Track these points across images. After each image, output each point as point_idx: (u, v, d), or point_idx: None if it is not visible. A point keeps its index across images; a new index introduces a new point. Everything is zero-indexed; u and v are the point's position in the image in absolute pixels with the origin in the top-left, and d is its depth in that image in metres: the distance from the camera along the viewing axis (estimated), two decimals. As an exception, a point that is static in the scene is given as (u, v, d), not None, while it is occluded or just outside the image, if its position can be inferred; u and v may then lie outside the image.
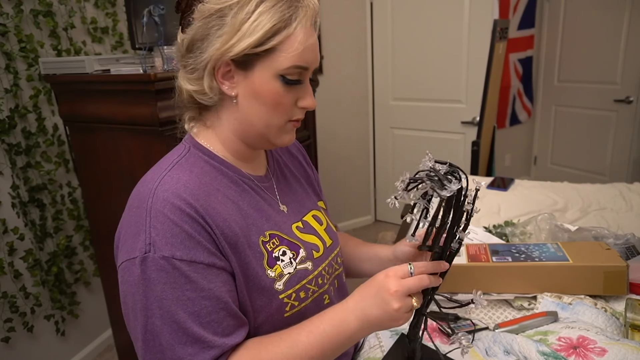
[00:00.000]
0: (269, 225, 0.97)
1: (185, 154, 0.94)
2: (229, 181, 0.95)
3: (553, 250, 1.36)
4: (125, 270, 0.83)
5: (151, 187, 0.85)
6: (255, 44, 0.85)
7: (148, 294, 0.80)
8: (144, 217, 0.83)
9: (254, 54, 0.86)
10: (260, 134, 0.94)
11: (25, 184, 2.32)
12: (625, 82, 3.94)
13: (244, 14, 0.84)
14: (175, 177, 0.87)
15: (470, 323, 1.20)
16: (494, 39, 2.85)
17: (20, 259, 2.30)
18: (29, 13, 2.28)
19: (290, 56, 0.87)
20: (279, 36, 0.85)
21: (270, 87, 0.88)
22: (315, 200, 1.18)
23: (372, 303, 0.85)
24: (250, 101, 0.91)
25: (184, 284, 0.81)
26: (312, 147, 2.90)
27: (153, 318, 0.80)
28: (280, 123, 0.93)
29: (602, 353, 0.99)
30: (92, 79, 1.92)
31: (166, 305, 0.80)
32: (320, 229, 1.10)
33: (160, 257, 0.80)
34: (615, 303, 1.27)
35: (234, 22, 0.85)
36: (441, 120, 3.83)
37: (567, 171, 4.57)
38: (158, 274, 0.80)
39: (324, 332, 0.86)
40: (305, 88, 0.93)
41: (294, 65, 0.88)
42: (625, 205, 2.16)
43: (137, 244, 0.82)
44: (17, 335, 2.31)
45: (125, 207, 0.89)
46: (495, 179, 2.54)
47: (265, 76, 0.88)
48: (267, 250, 0.94)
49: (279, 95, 0.89)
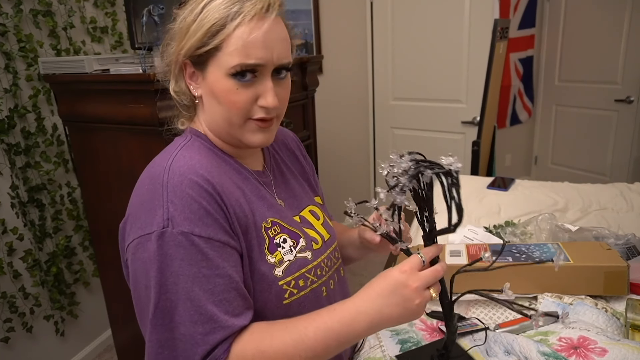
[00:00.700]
0: (271, 213, 0.98)
1: (189, 139, 0.96)
2: (231, 168, 0.96)
3: (554, 251, 1.36)
4: (139, 246, 0.82)
5: (164, 165, 0.86)
6: (198, 44, 0.87)
7: (164, 270, 0.79)
8: (160, 192, 0.82)
9: (202, 54, 0.87)
10: (228, 133, 0.95)
11: (24, 184, 2.32)
12: (626, 82, 3.93)
13: (192, 16, 0.87)
14: (187, 156, 0.88)
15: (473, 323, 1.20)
16: (495, 39, 2.85)
17: (19, 259, 2.30)
18: (28, 13, 2.28)
19: (233, 54, 0.85)
20: (220, 35, 0.85)
21: (223, 86, 0.88)
22: (311, 195, 1.19)
23: (391, 302, 0.83)
24: (211, 101, 0.92)
25: (200, 260, 0.80)
26: (312, 147, 2.89)
27: (167, 294, 0.80)
28: (240, 122, 0.92)
29: (603, 353, 0.99)
30: (91, 78, 1.92)
31: (182, 282, 0.79)
32: (317, 224, 1.10)
33: (179, 233, 0.80)
34: (615, 303, 1.27)
35: (183, 25, 0.89)
36: (441, 120, 3.82)
37: (568, 171, 4.57)
38: (176, 250, 0.79)
39: (332, 330, 0.84)
40: (264, 86, 0.90)
41: (241, 64, 0.86)
42: (626, 205, 2.16)
43: (153, 219, 0.81)
44: (17, 335, 2.31)
45: (133, 192, 0.89)
46: (496, 179, 2.54)
47: (217, 75, 0.88)
48: (269, 236, 0.94)
49: (232, 94, 0.88)
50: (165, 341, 0.80)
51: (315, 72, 2.89)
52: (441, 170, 0.79)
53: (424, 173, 0.80)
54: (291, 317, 0.92)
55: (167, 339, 0.80)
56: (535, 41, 4.58)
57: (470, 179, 2.65)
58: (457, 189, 0.79)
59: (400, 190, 0.82)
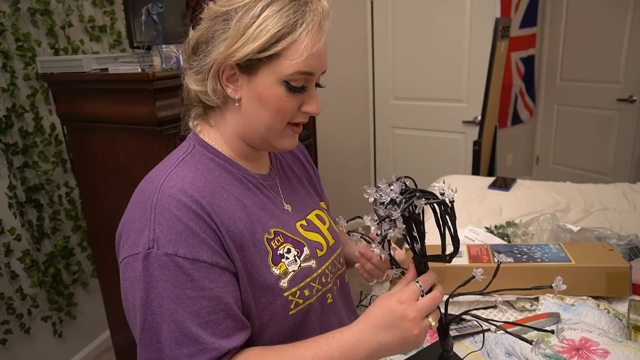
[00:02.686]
0: (274, 223, 0.97)
1: (190, 151, 0.94)
2: (233, 179, 0.95)
3: (555, 251, 1.36)
4: (127, 266, 0.82)
5: (157, 184, 0.85)
6: (259, 49, 0.84)
7: (149, 291, 0.79)
8: (149, 212, 0.82)
9: (257, 59, 0.85)
10: (262, 137, 0.94)
11: (22, 184, 2.32)
12: (628, 81, 3.93)
13: (249, 18, 0.83)
14: (181, 174, 0.87)
15: (473, 324, 1.19)
16: (496, 38, 2.84)
17: (17, 260, 2.29)
18: (26, 11, 2.27)
19: (295, 63, 0.85)
20: (283, 42, 0.84)
21: (274, 92, 0.87)
22: (317, 200, 1.19)
23: (390, 334, 0.82)
24: (253, 105, 0.90)
25: (185, 282, 0.80)
26: (312, 147, 2.89)
27: (153, 315, 0.80)
28: (281, 127, 0.92)
29: (605, 355, 0.98)
30: (89, 77, 1.92)
31: (166, 303, 0.79)
32: (323, 228, 1.10)
33: (164, 254, 0.79)
34: (618, 304, 1.27)
35: (239, 26, 0.84)
36: (442, 119, 3.81)
37: (570, 171, 4.56)
38: (160, 271, 0.79)
39: (330, 358, 0.83)
40: (310, 94, 0.92)
41: (298, 72, 0.86)
42: (628, 205, 2.15)
43: (140, 239, 0.81)
44: (14, 337, 2.30)
45: (129, 203, 0.89)
46: (497, 179, 2.54)
47: (269, 81, 0.87)
48: (272, 248, 0.93)
49: (282, 101, 0.88)
50: None
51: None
52: (435, 200, 0.77)
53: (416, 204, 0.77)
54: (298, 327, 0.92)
55: (155, 358, 0.80)
56: (537, 40, 4.58)
57: (471, 179, 2.64)
58: (452, 219, 0.78)
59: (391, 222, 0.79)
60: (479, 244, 1.54)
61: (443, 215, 0.78)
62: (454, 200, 0.77)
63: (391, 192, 0.79)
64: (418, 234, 0.82)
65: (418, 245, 0.83)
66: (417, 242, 0.83)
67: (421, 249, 0.84)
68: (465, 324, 1.20)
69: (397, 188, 0.79)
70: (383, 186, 0.80)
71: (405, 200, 0.77)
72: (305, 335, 0.98)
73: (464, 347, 1.13)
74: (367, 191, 0.82)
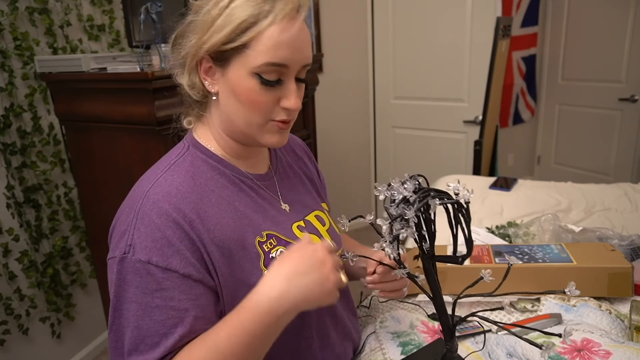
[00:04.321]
0: (267, 226, 0.96)
1: (183, 153, 0.94)
2: (226, 181, 0.94)
3: (557, 252, 1.36)
4: (109, 267, 0.85)
5: (145, 189, 0.86)
6: (224, 40, 0.84)
7: (120, 295, 0.81)
8: (132, 217, 0.83)
9: (227, 50, 0.85)
10: (243, 133, 0.93)
11: (20, 184, 2.31)
12: (630, 81, 3.92)
13: (218, 9, 0.84)
14: (169, 179, 0.87)
15: (475, 325, 1.19)
16: (497, 37, 2.84)
17: (15, 260, 2.28)
18: (24, 10, 2.26)
19: (261, 53, 0.83)
20: (249, 32, 0.83)
21: (246, 85, 0.86)
22: (318, 201, 1.18)
23: (309, 278, 0.81)
24: (229, 99, 0.89)
25: (154, 290, 0.80)
26: (312, 146, 2.88)
27: (120, 319, 0.81)
28: (261, 122, 0.90)
29: (607, 356, 0.98)
30: (88, 77, 1.92)
31: (133, 309, 0.80)
32: (322, 230, 1.09)
33: (137, 260, 0.80)
34: (620, 305, 1.27)
35: (207, 18, 0.85)
36: (443, 119, 3.81)
37: (571, 171, 4.55)
38: (132, 277, 0.80)
39: (248, 331, 0.79)
40: (288, 87, 0.89)
41: (267, 63, 0.84)
42: (630, 205, 2.14)
43: (120, 243, 0.83)
44: (12, 337, 2.30)
45: (122, 202, 0.91)
46: (498, 179, 2.53)
47: (240, 73, 0.86)
48: (264, 251, 0.92)
49: (255, 94, 0.87)
50: None
51: (315, 71, 2.88)
52: (450, 200, 0.75)
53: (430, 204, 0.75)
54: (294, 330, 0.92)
55: None
56: (538, 39, 4.57)
57: (472, 179, 2.64)
58: (466, 220, 0.76)
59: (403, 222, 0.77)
60: (480, 244, 1.54)
61: (457, 216, 0.76)
62: (469, 201, 0.75)
63: (404, 191, 0.77)
64: (428, 234, 0.80)
65: (427, 244, 0.82)
66: (426, 241, 0.81)
67: (430, 248, 0.82)
68: (466, 324, 1.20)
69: (410, 186, 0.77)
70: (396, 184, 0.78)
71: (419, 199, 0.76)
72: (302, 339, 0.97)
73: (465, 347, 1.13)
74: (378, 189, 0.80)
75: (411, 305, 1.31)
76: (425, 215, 0.78)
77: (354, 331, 1.18)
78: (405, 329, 1.22)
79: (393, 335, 1.19)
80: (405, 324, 1.24)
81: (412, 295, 1.36)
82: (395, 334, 1.20)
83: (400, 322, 1.25)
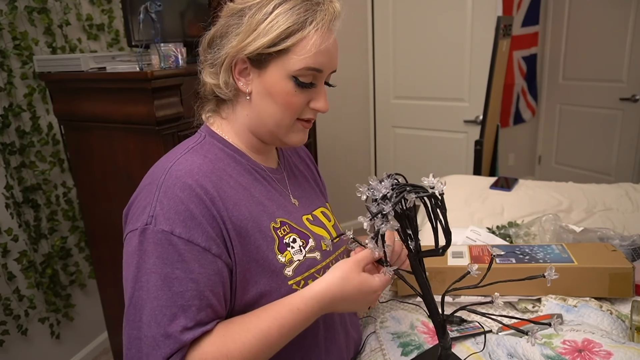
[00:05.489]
0: (280, 213, 1.00)
1: (200, 140, 0.99)
2: (241, 169, 0.99)
3: (558, 252, 1.36)
4: (128, 241, 0.86)
5: (165, 167, 0.89)
6: (269, 44, 0.89)
7: (140, 266, 0.82)
8: (154, 191, 0.86)
9: (267, 53, 0.90)
10: (271, 132, 0.98)
11: (19, 184, 2.30)
12: (632, 80, 3.92)
13: (262, 15, 0.89)
14: (190, 160, 0.91)
15: (475, 325, 1.19)
16: (498, 36, 2.83)
17: (14, 261, 2.28)
18: (23, 10, 2.26)
19: (303, 58, 0.90)
20: (293, 38, 0.89)
21: (282, 86, 0.92)
22: (323, 200, 1.22)
23: (354, 306, 0.94)
24: (263, 99, 0.94)
25: (176, 261, 0.82)
26: (312, 146, 2.87)
27: (140, 291, 0.82)
28: (290, 123, 0.97)
29: (608, 356, 0.98)
30: (87, 77, 1.91)
31: (153, 280, 0.81)
32: (329, 225, 1.13)
33: (160, 231, 0.82)
34: (621, 305, 1.27)
35: (251, 22, 0.89)
36: (443, 119, 3.80)
37: (572, 171, 4.55)
38: (154, 247, 0.82)
39: (294, 325, 0.88)
40: (319, 90, 0.96)
41: (306, 67, 0.90)
42: (632, 205, 2.14)
43: (142, 215, 0.85)
44: (11, 338, 2.29)
45: (138, 186, 0.93)
46: (499, 179, 2.52)
47: (278, 76, 0.91)
48: (278, 236, 0.96)
49: (291, 95, 0.92)
50: (133, 339, 0.81)
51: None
52: (425, 193, 0.79)
53: (407, 198, 0.79)
54: None
55: (135, 337, 0.81)
56: (539, 39, 4.57)
57: (473, 179, 2.63)
58: (442, 212, 0.79)
59: (383, 218, 0.81)
60: (480, 244, 1.54)
61: (434, 209, 0.79)
62: (443, 192, 0.79)
63: (382, 188, 0.80)
64: (411, 230, 0.84)
65: (412, 242, 0.85)
66: (411, 239, 0.84)
67: (415, 245, 0.85)
68: (467, 325, 1.20)
69: (387, 184, 0.81)
70: (374, 183, 0.81)
71: (396, 194, 0.79)
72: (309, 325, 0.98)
73: (465, 348, 1.13)
74: (359, 189, 0.83)
75: (411, 306, 1.31)
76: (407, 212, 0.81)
77: (354, 330, 1.19)
78: (405, 330, 1.22)
79: (393, 336, 1.19)
80: (405, 324, 1.24)
81: (412, 296, 1.36)
82: (395, 334, 1.20)
83: (401, 323, 1.25)
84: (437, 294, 0.91)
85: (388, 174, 0.83)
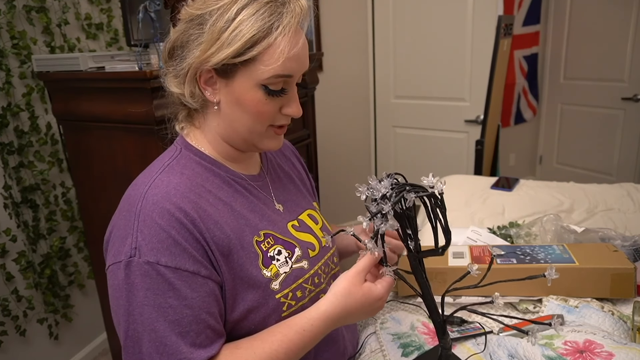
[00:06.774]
0: (263, 225, 0.97)
1: (176, 155, 0.95)
2: (221, 182, 0.96)
3: (559, 252, 1.35)
4: (112, 273, 0.83)
5: (142, 191, 0.86)
6: (233, 54, 0.83)
7: (131, 299, 0.80)
8: (132, 220, 0.83)
9: (233, 63, 0.85)
10: (244, 140, 0.95)
11: (17, 184, 2.30)
12: (633, 80, 3.91)
13: (224, 22, 0.83)
14: (166, 180, 0.87)
15: (476, 326, 1.18)
16: (499, 36, 2.83)
17: (12, 261, 2.27)
18: (21, 9, 2.25)
19: (271, 67, 0.85)
20: (259, 46, 0.83)
21: (252, 96, 0.88)
22: (310, 200, 1.19)
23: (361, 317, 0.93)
24: (232, 108, 0.91)
25: (167, 290, 0.80)
26: (312, 146, 2.86)
27: (135, 324, 0.80)
28: (262, 130, 0.93)
29: (609, 357, 0.98)
30: (86, 76, 1.90)
31: (147, 312, 0.79)
32: (316, 228, 1.10)
33: (145, 262, 0.80)
34: (622, 306, 1.26)
35: (213, 30, 0.83)
36: (444, 118, 3.80)
37: (573, 171, 4.54)
38: (142, 280, 0.80)
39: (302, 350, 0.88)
40: (290, 95, 0.92)
41: (276, 75, 0.86)
42: (633, 205, 2.13)
43: (123, 247, 0.82)
44: (10, 339, 2.29)
45: (116, 209, 0.90)
46: (500, 179, 2.52)
47: (247, 85, 0.87)
48: (262, 250, 0.94)
49: (261, 104, 0.88)
50: None
51: (315, 70, 2.87)
52: (424, 193, 0.78)
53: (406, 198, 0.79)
54: None
55: None
56: (540, 38, 4.57)
57: (473, 178, 2.63)
58: (442, 211, 0.79)
59: (383, 218, 0.80)
60: (481, 245, 1.53)
61: (434, 208, 0.79)
62: (443, 192, 0.78)
63: (382, 188, 0.79)
64: (411, 230, 0.83)
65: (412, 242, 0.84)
66: (411, 239, 0.84)
67: (415, 245, 0.84)
68: (467, 325, 1.20)
69: (387, 183, 0.80)
70: (373, 183, 0.81)
71: (395, 194, 0.79)
72: None
73: (466, 349, 1.12)
74: (359, 189, 0.82)
75: (412, 306, 1.31)
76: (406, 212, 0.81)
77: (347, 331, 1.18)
78: (405, 330, 1.22)
79: (393, 337, 1.19)
80: (405, 325, 1.24)
81: (413, 296, 1.35)
82: (395, 335, 1.20)
83: (401, 323, 1.24)
84: (438, 295, 0.91)
85: (388, 174, 0.82)
